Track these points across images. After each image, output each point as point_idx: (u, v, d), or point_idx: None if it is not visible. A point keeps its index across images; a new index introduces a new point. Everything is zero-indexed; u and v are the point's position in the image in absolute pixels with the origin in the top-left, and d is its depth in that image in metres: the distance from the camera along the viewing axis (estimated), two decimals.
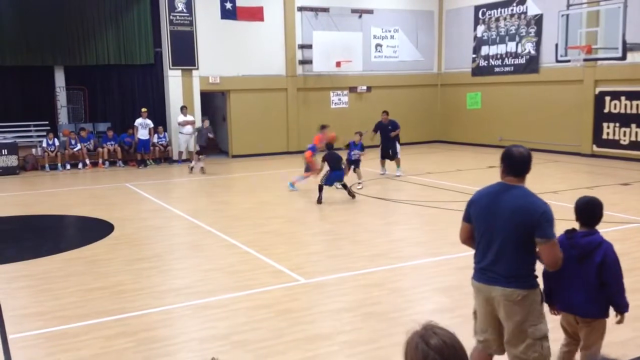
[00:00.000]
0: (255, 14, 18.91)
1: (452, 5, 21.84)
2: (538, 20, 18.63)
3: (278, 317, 5.72)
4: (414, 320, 5.37)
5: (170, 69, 18.28)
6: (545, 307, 3.90)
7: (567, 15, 16.95)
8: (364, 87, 21.07)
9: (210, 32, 18.47)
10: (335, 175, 11.49)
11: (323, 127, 13.39)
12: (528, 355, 3.68)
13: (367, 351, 4.93)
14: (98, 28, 18.04)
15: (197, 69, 18.50)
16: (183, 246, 8.81)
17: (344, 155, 12.49)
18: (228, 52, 18.78)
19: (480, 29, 20.68)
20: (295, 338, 5.22)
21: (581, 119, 17.35)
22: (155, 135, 18.05)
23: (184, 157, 18.13)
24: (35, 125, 17.78)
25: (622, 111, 16.39)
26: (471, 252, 7.86)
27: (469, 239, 3.97)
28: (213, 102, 20.23)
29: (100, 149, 17.54)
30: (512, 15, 19.51)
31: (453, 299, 6.14)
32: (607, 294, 3.81)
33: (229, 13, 18.54)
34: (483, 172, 15.13)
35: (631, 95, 16.10)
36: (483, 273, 3.80)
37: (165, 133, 18.42)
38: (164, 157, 18.30)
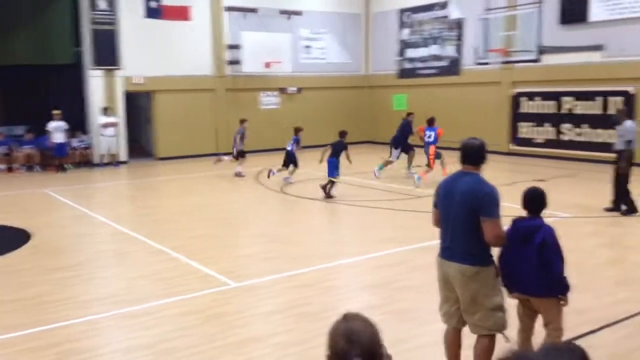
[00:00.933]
0: (182, 13, 18.52)
1: (378, 9, 22.30)
2: (459, 24, 19.33)
3: (208, 322, 5.65)
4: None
5: (91, 69, 17.61)
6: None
7: (486, 19, 17.72)
8: (294, 88, 21.13)
9: (134, 31, 17.93)
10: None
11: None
12: (484, 322, 4.06)
13: (300, 352, 4.96)
14: (13, 26, 17.12)
15: (121, 69, 17.93)
16: (107, 254, 8.51)
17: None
18: (153, 52, 18.31)
19: (405, 32, 21.23)
20: (226, 343, 5.17)
21: (499, 118, 18.16)
22: (76, 139, 17.33)
23: (105, 160, 17.50)
24: None
25: (537, 111, 17.28)
26: (399, 248, 8.08)
27: (437, 222, 4.30)
28: (137, 103, 19.66)
29: (16, 153, 16.64)
30: (434, 19, 20.14)
31: (381, 296, 6.27)
32: (550, 273, 4.05)
33: (154, 12, 18.07)
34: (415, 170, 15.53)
35: (545, 96, 17.01)
36: (444, 251, 4.17)
37: (85, 136, 17.73)
38: (85, 161, 17.57)
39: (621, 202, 9.51)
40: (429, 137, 13.56)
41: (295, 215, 10.56)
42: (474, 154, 4.11)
